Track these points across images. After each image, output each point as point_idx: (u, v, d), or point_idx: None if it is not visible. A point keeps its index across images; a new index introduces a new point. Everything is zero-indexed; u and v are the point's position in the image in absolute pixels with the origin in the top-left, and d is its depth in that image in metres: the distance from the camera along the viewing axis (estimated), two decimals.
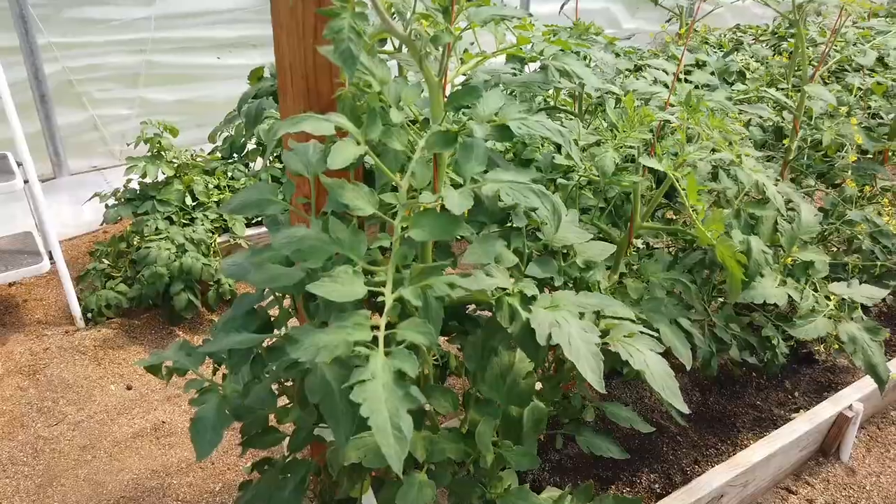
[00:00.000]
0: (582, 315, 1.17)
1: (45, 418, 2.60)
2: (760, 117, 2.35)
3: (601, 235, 2.04)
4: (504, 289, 1.16)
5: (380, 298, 0.91)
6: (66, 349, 2.95)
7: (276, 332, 1.33)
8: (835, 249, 2.63)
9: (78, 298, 3.09)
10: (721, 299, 2.37)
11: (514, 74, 1.73)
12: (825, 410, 2.44)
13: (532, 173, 1.02)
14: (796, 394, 2.71)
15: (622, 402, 2.56)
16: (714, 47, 4.22)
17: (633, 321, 1.29)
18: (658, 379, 1.16)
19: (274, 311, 1.37)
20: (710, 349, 2.19)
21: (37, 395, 2.71)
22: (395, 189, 1.11)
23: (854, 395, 2.50)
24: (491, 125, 1.09)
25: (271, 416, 1.44)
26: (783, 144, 2.72)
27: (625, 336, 1.23)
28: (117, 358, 2.92)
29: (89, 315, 3.09)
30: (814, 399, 2.67)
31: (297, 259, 0.96)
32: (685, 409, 1.18)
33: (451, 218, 0.95)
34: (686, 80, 2.02)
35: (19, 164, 2.86)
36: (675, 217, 2.53)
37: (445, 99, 1.16)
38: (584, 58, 1.87)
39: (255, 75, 1.63)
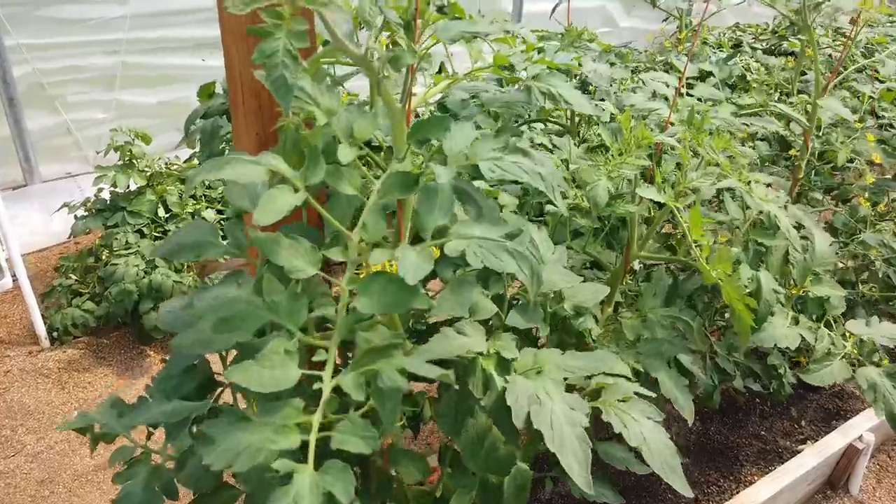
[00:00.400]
0: (566, 379, 1.01)
1: (1, 449, 2.43)
2: (765, 128, 2.18)
3: (594, 261, 1.88)
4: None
5: (316, 385, 0.75)
6: (28, 372, 2.78)
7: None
8: (842, 266, 2.46)
9: (43, 316, 2.92)
10: (722, 323, 2.20)
11: (498, 87, 1.56)
12: (835, 441, 2.29)
13: (505, 227, 0.85)
14: (803, 422, 2.55)
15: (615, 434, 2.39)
16: (713, 47, 4.05)
17: (628, 378, 1.13)
18: (657, 456, 0.99)
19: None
20: (713, 382, 2.03)
21: None
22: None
23: (864, 425, 2.35)
24: (460, 165, 0.92)
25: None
26: (788, 155, 2.55)
27: (619, 400, 1.07)
28: (82, 381, 2.75)
29: (55, 334, 2.91)
30: (821, 428, 2.51)
31: (222, 331, 0.79)
32: (689, 494, 1.02)
33: (407, 285, 0.79)
34: (688, 94, 1.85)
35: None
36: (674, 231, 2.36)
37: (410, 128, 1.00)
38: (575, 74, 1.69)
39: (206, 92, 1.46)
